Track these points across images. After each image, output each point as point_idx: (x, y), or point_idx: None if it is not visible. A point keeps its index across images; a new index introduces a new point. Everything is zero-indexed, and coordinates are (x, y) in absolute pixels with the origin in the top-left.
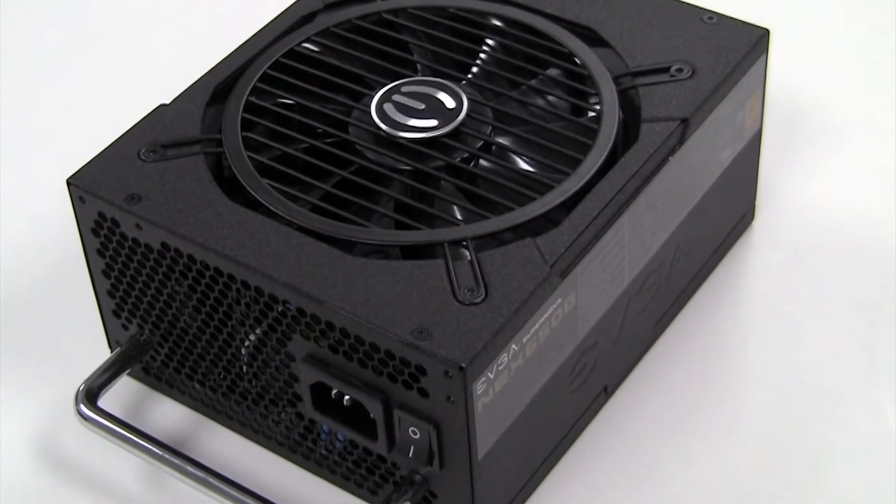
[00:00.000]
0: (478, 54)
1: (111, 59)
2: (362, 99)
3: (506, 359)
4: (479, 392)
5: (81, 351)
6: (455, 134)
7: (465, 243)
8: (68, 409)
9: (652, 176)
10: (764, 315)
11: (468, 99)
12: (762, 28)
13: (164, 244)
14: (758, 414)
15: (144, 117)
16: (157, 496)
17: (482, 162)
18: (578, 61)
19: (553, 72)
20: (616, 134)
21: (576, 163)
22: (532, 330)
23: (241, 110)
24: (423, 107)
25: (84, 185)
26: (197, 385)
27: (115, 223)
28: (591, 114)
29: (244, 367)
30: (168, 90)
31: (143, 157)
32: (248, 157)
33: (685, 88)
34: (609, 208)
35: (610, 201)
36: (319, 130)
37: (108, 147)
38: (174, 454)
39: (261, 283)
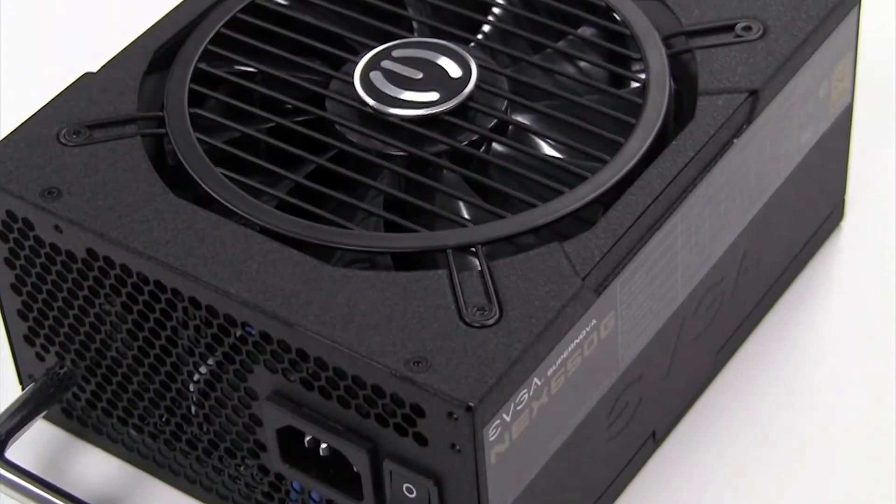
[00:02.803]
0: (490, 9)
1: (24, 15)
2: (343, 66)
3: (526, 396)
4: (491, 438)
5: None
6: (461, 110)
7: (473, 249)
8: None
9: (712, 163)
10: (854, 340)
11: (478, 66)
12: None
13: (90, 251)
14: (846, 465)
15: (65, 89)
16: None
17: (495, 146)
18: (618, 17)
19: (586, 31)
20: (666, 110)
21: (615, 147)
22: (559, 360)
23: (188, 81)
24: (420, 76)
25: None
26: (132, 431)
27: (29, 224)
28: (635, 84)
29: (193, 409)
30: (95, 54)
31: (63, 140)
32: (198, 139)
33: (754, 52)
34: (657, 205)
35: (658, 196)
36: (288, 106)
37: (18, 127)
38: None
39: (214, 300)
